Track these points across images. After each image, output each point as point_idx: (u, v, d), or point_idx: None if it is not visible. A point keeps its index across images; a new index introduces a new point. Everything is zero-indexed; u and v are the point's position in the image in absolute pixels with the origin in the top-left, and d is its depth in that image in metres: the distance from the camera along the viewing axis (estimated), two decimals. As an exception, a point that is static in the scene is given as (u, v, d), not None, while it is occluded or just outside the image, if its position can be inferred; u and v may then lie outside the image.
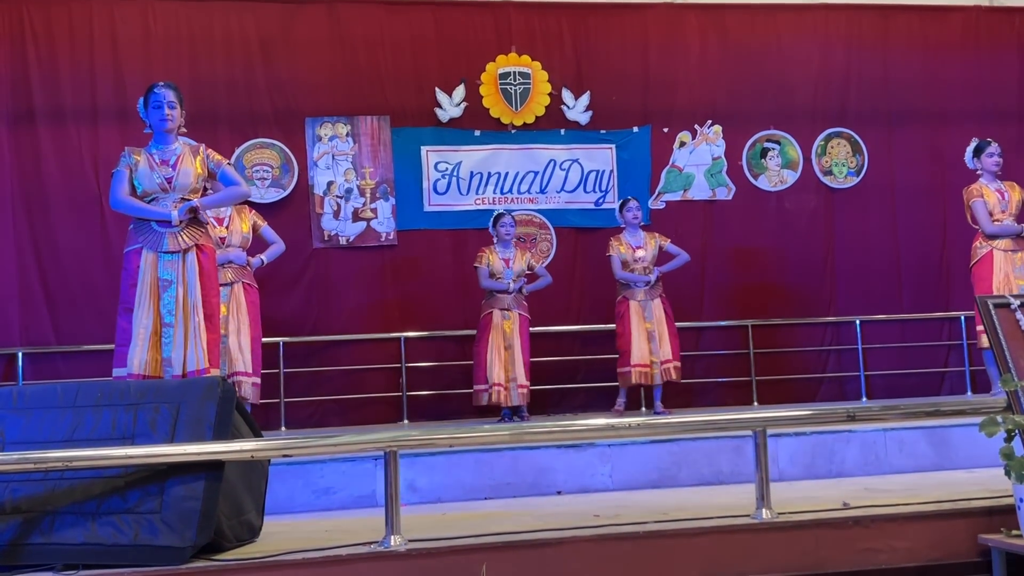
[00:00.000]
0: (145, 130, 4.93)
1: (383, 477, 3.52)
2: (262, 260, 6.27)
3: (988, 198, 6.64)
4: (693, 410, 7.57)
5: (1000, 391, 3.92)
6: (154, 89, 4.85)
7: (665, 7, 8.53)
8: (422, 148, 8.12)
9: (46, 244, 7.48)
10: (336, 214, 7.94)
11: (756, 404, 8.00)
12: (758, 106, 8.50)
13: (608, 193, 8.32)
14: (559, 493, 5.05)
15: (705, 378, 8.03)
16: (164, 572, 3.16)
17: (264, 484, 3.87)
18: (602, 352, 7.88)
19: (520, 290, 7.01)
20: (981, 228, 6.65)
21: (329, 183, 7.94)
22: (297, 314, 7.77)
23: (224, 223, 6.13)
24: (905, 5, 8.82)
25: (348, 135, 8.00)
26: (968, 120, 8.42)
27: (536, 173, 8.26)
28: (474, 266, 7.10)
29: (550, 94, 8.29)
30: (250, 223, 6.27)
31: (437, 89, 8.13)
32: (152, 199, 4.79)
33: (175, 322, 4.68)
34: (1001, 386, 3.72)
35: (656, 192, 8.38)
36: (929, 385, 8.37)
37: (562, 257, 8.21)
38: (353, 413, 7.65)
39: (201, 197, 4.89)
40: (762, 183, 8.55)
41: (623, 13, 8.43)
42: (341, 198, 7.95)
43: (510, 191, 8.22)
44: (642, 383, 7.08)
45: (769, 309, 8.40)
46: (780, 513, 3.69)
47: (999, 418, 3.47)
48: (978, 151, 6.77)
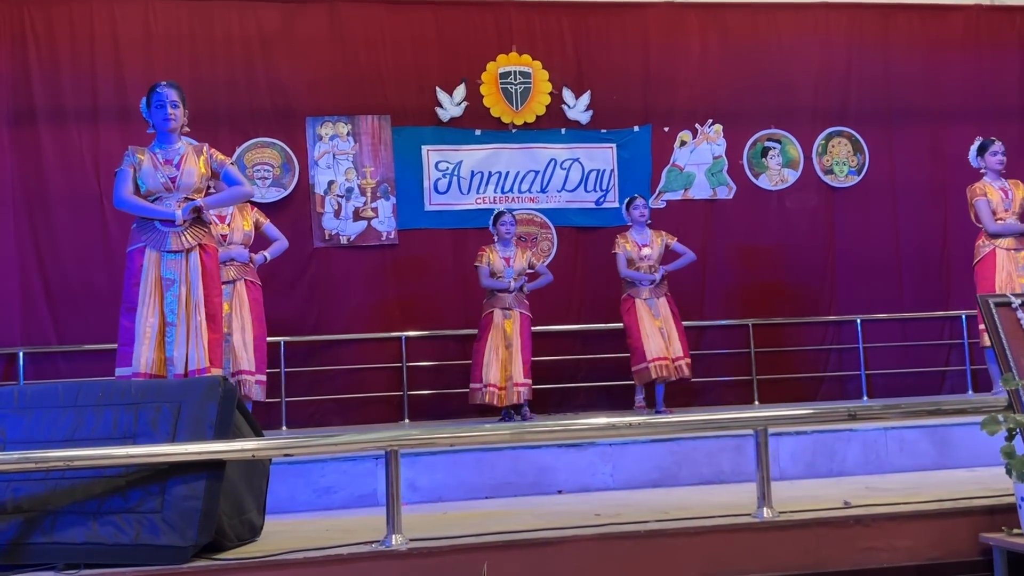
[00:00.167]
0: (148, 130, 4.93)
1: (384, 476, 3.52)
2: (265, 257, 6.28)
3: (991, 197, 6.62)
4: (694, 409, 7.56)
5: (1001, 390, 3.92)
6: (157, 89, 4.85)
7: (666, 6, 8.53)
8: (423, 147, 8.12)
9: (47, 244, 7.48)
10: (337, 213, 7.94)
11: (757, 403, 8.00)
12: (759, 105, 8.49)
13: (609, 192, 8.32)
14: (560, 492, 5.05)
15: (706, 377, 8.02)
16: (165, 571, 3.16)
17: (265, 483, 3.87)
18: (603, 351, 7.89)
19: (521, 289, 6.99)
20: (984, 227, 6.63)
21: (330, 182, 7.94)
22: (298, 313, 7.78)
23: (226, 220, 6.14)
24: (906, 4, 8.82)
25: (349, 134, 8.00)
26: (969, 119, 8.42)
27: (537, 172, 8.26)
28: (475, 265, 7.08)
29: (551, 93, 8.29)
30: (252, 221, 6.27)
31: (438, 88, 8.14)
32: (156, 198, 4.79)
33: (178, 321, 4.69)
34: (1002, 385, 3.72)
35: (657, 191, 8.37)
36: (930, 384, 8.37)
37: (563, 256, 8.21)
38: (354, 412, 7.66)
39: (205, 197, 4.89)
40: (763, 182, 8.54)
41: (624, 12, 8.43)
42: (342, 197, 7.95)
43: (511, 190, 8.22)
44: (661, 376, 6.93)
45: (770, 308, 8.40)
46: (781, 512, 3.69)
47: (1000, 417, 3.48)
48: (982, 149, 6.76)
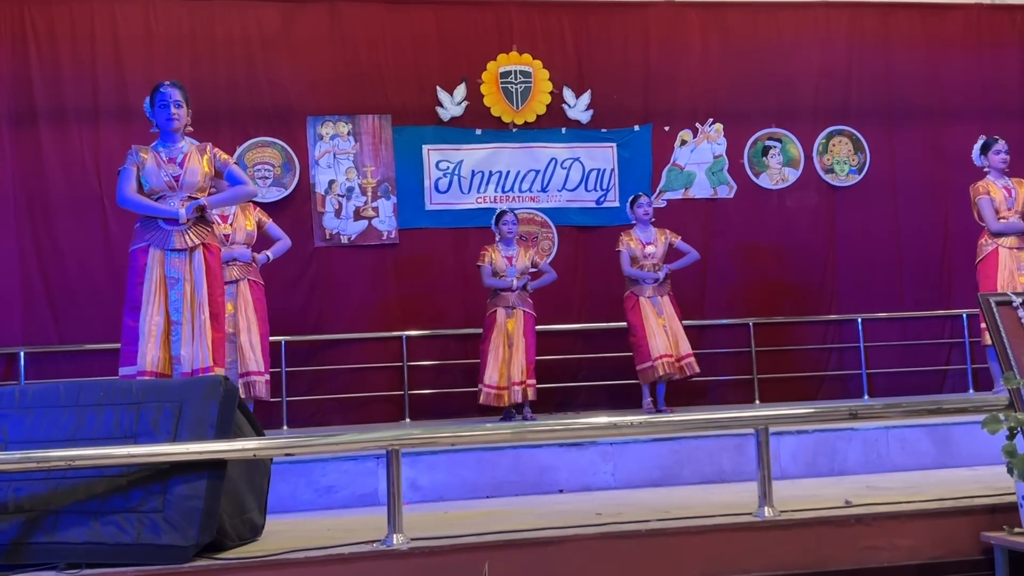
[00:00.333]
0: (151, 129, 4.93)
1: (385, 476, 3.52)
2: (268, 256, 6.28)
3: (995, 195, 6.60)
4: (695, 408, 7.56)
5: (1002, 389, 3.92)
6: (160, 88, 4.85)
7: (666, 5, 8.53)
8: (423, 147, 8.12)
9: (48, 243, 7.49)
10: (338, 213, 7.94)
11: (758, 402, 8.00)
12: (759, 104, 8.49)
13: (609, 192, 8.32)
14: (561, 492, 5.05)
15: (707, 376, 8.01)
16: (167, 571, 3.17)
17: (266, 483, 3.87)
18: (604, 351, 7.89)
19: (524, 287, 6.99)
20: (987, 225, 6.61)
21: (331, 182, 7.94)
22: (299, 313, 7.78)
23: (229, 220, 6.14)
24: (906, 2, 8.82)
25: (349, 134, 8.00)
26: (969, 117, 8.43)
27: (537, 172, 8.26)
28: (477, 265, 7.07)
29: (551, 92, 8.29)
30: (255, 220, 6.27)
31: (438, 88, 8.14)
32: (159, 197, 4.78)
33: (183, 319, 4.69)
34: (1003, 383, 3.72)
35: (657, 190, 8.37)
36: (931, 383, 8.37)
37: (563, 256, 8.20)
38: (355, 412, 7.66)
39: (208, 196, 4.89)
40: (763, 181, 8.54)
41: (624, 11, 8.43)
42: (343, 197, 7.95)
43: (511, 190, 8.22)
44: (667, 373, 6.89)
45: (771, 307, 8.40)
46: (782, 511, 3.69)
47: (1001, 415, 3.48)
48: (985, 148, 6.74)
